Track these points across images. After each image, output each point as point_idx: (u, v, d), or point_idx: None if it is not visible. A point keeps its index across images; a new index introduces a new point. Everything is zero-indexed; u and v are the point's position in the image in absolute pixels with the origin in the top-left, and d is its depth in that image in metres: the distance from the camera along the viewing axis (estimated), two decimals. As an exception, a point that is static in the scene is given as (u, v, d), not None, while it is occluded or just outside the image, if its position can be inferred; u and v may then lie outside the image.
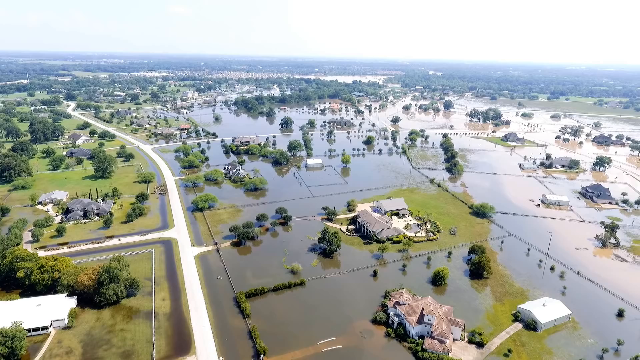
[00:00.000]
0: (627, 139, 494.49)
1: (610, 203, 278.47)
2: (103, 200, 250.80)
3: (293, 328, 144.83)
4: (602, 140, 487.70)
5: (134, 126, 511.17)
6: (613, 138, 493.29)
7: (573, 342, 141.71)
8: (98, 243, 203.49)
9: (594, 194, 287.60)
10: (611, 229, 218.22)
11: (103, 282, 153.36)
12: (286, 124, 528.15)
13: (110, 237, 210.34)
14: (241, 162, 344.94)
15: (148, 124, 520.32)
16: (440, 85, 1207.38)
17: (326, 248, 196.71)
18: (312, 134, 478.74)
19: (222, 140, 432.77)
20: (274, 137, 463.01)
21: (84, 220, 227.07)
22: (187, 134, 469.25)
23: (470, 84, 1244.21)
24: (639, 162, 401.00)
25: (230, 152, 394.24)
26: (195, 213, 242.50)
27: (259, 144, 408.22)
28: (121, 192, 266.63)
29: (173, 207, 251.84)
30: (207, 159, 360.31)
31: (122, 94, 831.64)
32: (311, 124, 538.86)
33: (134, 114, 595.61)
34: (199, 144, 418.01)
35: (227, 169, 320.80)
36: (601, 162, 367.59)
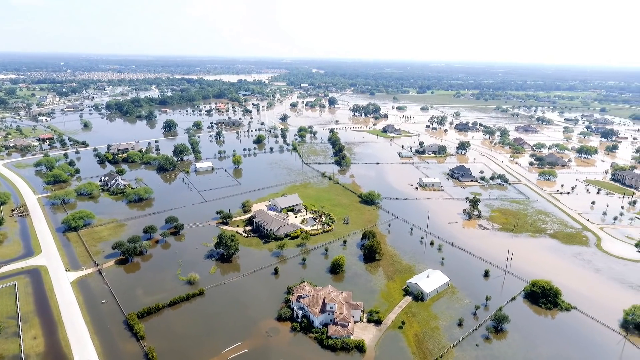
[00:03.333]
0: (480, 125, 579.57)
1: (472, 181, 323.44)
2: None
3: (195, 341, 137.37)
4: (462, 127, 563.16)
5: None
6: (470, 125, 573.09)
7: (453, 305, 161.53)
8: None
9: (459, 174, 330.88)
10: (474, 203, 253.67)
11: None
12: (169, 127, 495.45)
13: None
14: (120, 172, 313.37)
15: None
16: (324, 82, 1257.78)
17: (224, 253, 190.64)
18: (199, 136, 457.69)
19: (95, 149, 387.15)
20: (156, 142, 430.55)
21: None
22: (49, 145, 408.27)
23: (351, 81, 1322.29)
24: (490, 144, 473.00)
25: (106, 162, 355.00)
26: (68, 233, 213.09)
27: (140, 151, 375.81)
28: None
29: (38, 229, 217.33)
30: (77, 171, 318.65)
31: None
32: (197, 125, 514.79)
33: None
34: (65, 155, 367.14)
35: (104, 181, 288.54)
36: (462, 146, 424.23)
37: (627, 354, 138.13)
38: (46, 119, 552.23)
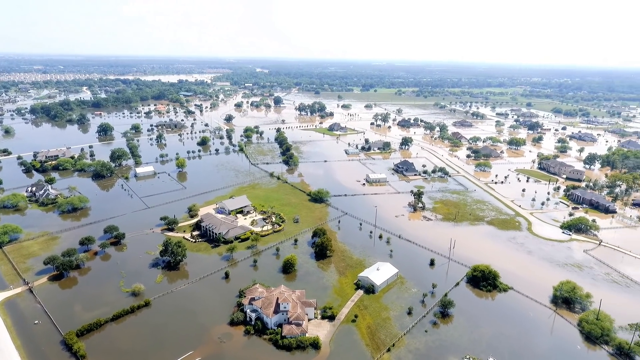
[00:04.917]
0: (421, 121, 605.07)
1: (415, 175, 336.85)
2: None
3: (143, 355, 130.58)
4: (404, 124, 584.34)
5: None
6: (411, 121, 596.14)
7: (402, 294, 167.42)
8: None
9: (403, 168, 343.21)
10: (418, 195, 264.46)
11: None
12: (104, 131, 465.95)
13: None
14: (50, 181, 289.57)
15: None
16: (269, 82, 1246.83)
17: (170, 260, 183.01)
18: (138, 140, 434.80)
19: (20, 157, 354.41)
20: (90, 147, 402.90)
21: None
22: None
23: (296, 80, 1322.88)
24: (431, 139, 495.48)
25: (33, 171, 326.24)
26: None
27: (72, 157, 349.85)
28: None
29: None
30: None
31: None
32: (136, 128, 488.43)
33: None
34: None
35: (32, 191, 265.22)
36: (405, 142, 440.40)
37: (557, 326, 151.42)
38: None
